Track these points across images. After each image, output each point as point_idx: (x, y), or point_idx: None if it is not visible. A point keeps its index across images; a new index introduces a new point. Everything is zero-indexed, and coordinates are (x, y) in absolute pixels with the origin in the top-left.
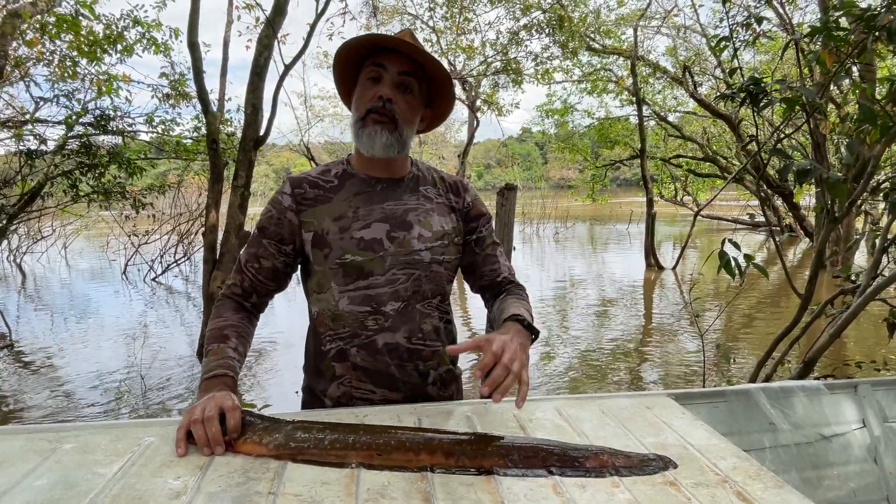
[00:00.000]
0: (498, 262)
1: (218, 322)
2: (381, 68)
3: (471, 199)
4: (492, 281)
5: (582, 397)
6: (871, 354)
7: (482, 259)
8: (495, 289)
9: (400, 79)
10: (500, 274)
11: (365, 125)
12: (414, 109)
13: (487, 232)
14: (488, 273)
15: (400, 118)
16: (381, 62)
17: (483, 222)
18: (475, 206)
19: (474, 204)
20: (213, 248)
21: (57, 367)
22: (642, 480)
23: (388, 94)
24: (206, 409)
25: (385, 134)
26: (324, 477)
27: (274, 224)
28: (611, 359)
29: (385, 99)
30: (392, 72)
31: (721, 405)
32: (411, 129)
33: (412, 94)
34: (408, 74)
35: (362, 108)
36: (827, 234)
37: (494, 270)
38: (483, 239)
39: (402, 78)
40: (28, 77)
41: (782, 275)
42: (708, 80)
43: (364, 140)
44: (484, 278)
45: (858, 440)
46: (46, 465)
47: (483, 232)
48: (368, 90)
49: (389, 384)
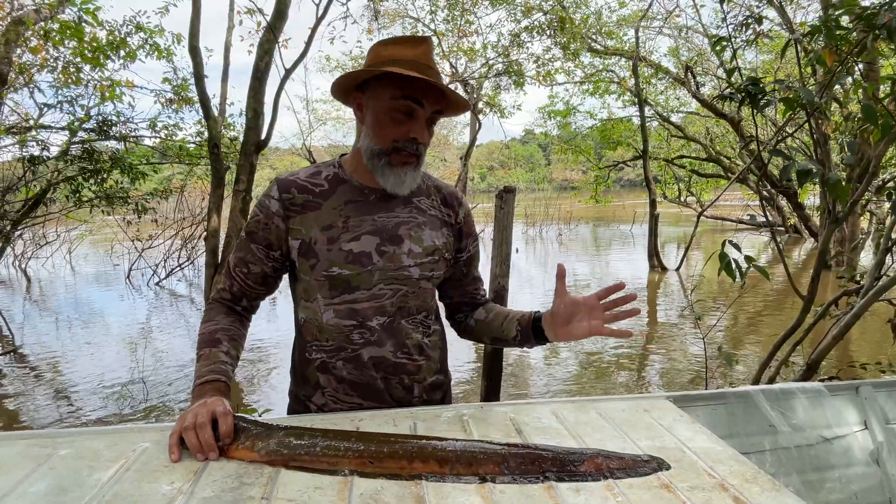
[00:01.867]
0: (480, 282)
1: (209, 326)
2: (419, 106)
3: (464, 214)
4: (473, 298)
5: (579, 400)
6: (876, 355)
7: (469, 278)
8: (473, 306)
9: (431, 116)
10: (479, 291)
11: (391, 164)
12: (431, 138)
13: (475, 251)
14: (471, 291)
15: (423, 153)
16: (417, 97)
17: (472, 240)
18: (467, 223)
19: (467, 220)
20: (214, 253)
21: (61, 372)
22: (637, 484)
23: (425, 140)
24: (198, 416)
25: (412, 173)
26: (317, 482)
27: (261, 229)
28: (614, 361)
29: (420, 141)
30: (428, 111)
31: (720, 407)
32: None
33: (433, 126)
34: (439, 112)
35: (387, 142)
36: (829, 235)
37: (478, 290)
38: (472, 258)
39: (433, 115)
40: (32, 83)
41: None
42: (710, 81)
43: (389, 178)
44: (466, 295)
45: (860, 442)
46: (41, 472)
47: (471, 250)
48: (399, 124)
49: (376, 397)
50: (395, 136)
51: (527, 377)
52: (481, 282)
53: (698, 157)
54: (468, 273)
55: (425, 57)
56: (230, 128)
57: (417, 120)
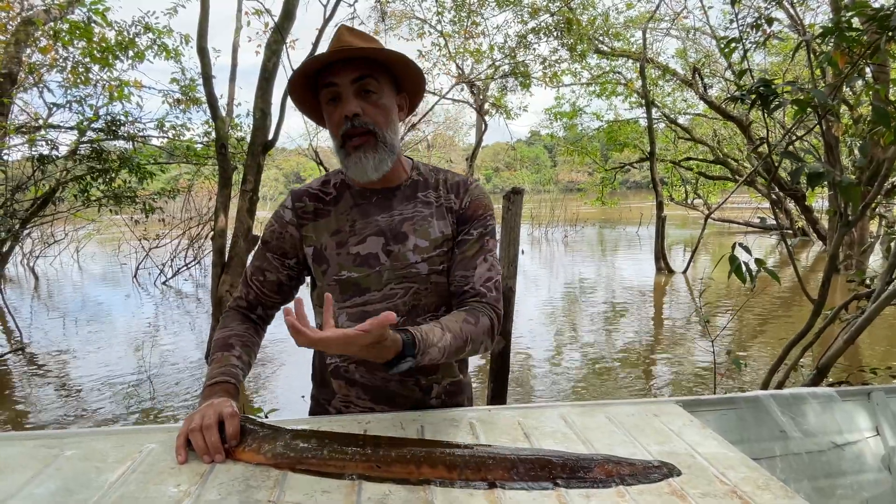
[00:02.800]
0: (474, 269)
1: (223, 332)
2: (333, 86)
3: (470, 199)
4: (458, 288)
5: (588, 404)
6: (884, 358)
7: (457, 262)
8: (461, 298)
9: (356, 86)
10: (468, 282)
11: (348, 153)
12: (386, 109)
13: (477, 234)
14: (458, 278)
15: (377, 126)
16: (330, 80)
17: (475, 224)
18: (472, 207)
19: (472, 204)
20: (221, 253)
21: (68, 371)
22: (648, 490)
23: (353, 110)
24: (204, 417)
25: (371, 155)
26: (324, 486)
27: (276, 238)
28: (621, 364)
29: (351, 116)
30: (345, 83)
31: (731, 412)
32: (393, 129)
33: (376, 93)
34: (361, 78)
35: (337, 134)
36: (840, 239)
37: (465, 277)
38: (465, 241)
39: (359, 84)
40: (42, 83)
41: (794, 278)
42: (718, 83)
43: (353, 170)
44: (453, 284)
45: (872, 449)
46: (47, 473)
47: (471, 234)
48: (333, 114)
49: (389, 400)
50: (336, 124)
51: (532, 379)
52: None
53: (705, 160)
54: (458, 255)
55: (338, 41)
56: (237, 128)
57: (342, 97)
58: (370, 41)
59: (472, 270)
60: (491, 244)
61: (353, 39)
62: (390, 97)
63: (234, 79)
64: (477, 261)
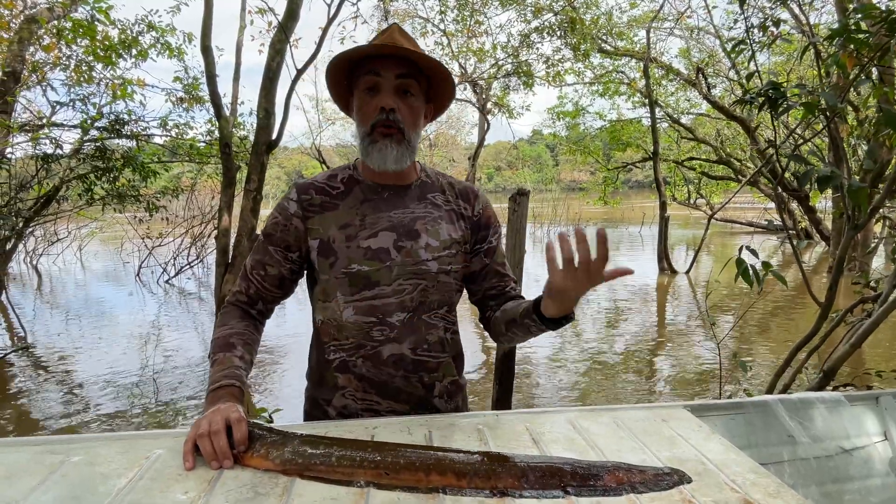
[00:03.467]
0: (508, 275)
1: (223, 330)
2: (377, 76)
3: (482, 206)
4: (499, 292)
5: (596, 409)
6: (889, 361)
7: (493, 271)
8: (499, 299)
9: (398, 83)
10: (508, 285)
11: (374, 140)
12: (417, 112)
13: (498, 242)
14: (497, 286)
15: (406, 126)
16: (374, 68)
17: (493, 231)
18: (485, 215)
19: (485, 212)
20: (225, 252)
21: (71, 370)
22: (659, 498)
23: (391, 104)
24: (212, 423)
25: (394, 147)
26: (333, 493)
27: (280, 231)
28: (624, 365)
29: (388, 110)
30: (389, 77)
31: (738, 417)
32: (417, 134)
33: (413, 96)
34: (405, 76)
35: (367, 123)
36: (848, 242)
37: (504, 283)
38: (494, 249)
39: (401, 82)
40: (45, 81)
41: (799, 279)
42: (722, 82)
43: (375, 156)
44: (493, 289)
45: (880, 453)
46: (53, 479)
47: (493, 242)
48: (368, 102)
49: (394, 395)
50: (370, 113)
51: (535, 379)
52: (509, 277)
53: (708, 160)
54: (489, 265)
55: (388, 39)
56: (240, 127)
57: (382, 90)
58: (416, 47)
59: (507, 277)
60: (502, 246)
61: (402, 40)
62: (422, 102)
63: (237, 78)
64: (505, 268)
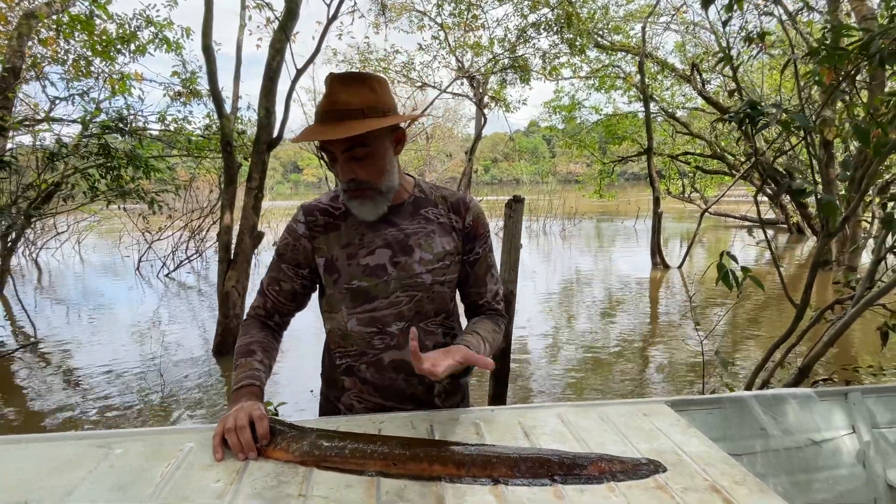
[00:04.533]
0: (485, 286)
1: (245, 339)
2: (330, 152)
3: (472, 218)
4: (473, 302)
5: (583, 404)
6: (877, 359)
7: (473, 279)
8: (474, 311)
9: (348, 155)
10: (483, 297)
11: (350, 197)
12: (379, 163)
13: (483, 253)
14: (473, 294)
15: (371, 181)
16: (326, 148)
17: (480, 242)
18: (475, 226)
19: (475, 223)
20: (227, 249)
21: (76, 363)
22: (636, 485)
23: (349, 176)
24: (237, 419)
25: (367, 202)
26: (347, 481)
27: (290, 250)
28: (615, 359)
29: (347, 181)
30: (339, 152)
31: (716, 411)
32: (390, 173)
33: (370, 152)
34: (353, 146)
35: (340, 183)
36: (821, 248)
37: (480, 293)
38: (477, 260)
39: (351, 153)
40: (43, 76)
41: (789, 271)
42: (717, 77)
43: (355, 209)
44: (468, 297)
45: (848, 445)
46: (101, 469)
47: (479, 253)
48: (335, 169)
49: (397, 397)
50: (339, 178)
51: (528, 372)
52: (485, 287)
53: (703, 154)
54: (471, 273)
55: (329, 100)
56: (239, 121)
57: (339, 163)
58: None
59: (483, 287)
60: (492, 257)
61: (343, 95)
62: (383, 145)
63: (238, 76)
64: (486, 277)
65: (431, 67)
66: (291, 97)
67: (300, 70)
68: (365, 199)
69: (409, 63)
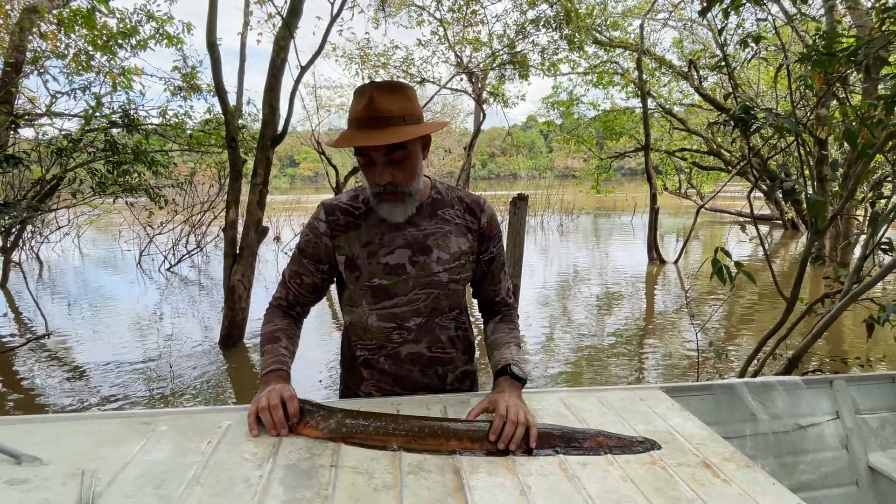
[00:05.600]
0: (500, 283)
1: (269, 327)
2: (368, 157)
3: (486, 219)
4: (489, 299)
5: (583, 389)
6: (868, 349)
7: (487, 277)
8: (490, 307)
9: (387, 159)
10: (498, 294)
11: (381, 200)
12: (413, 167)
13: (497, 252)
14: (490, 291)
15: (404, 185)
16: (363, 150)
17: (494, 242)
18: (489, 227)
19: (489, 224)
20: (233, 243)
21: (86, 356)
22: (633, 460)
23: (387, 179)
24: (270, 399)
25: (399, 205)
26: (372, 454)
27: (311, 247)
28: (612, 351)
29: (384, 184)
30: (379, 157)
31: (708, 397)
32: (420, 176)
33: (407, 156)
34: (394, 150)
35: (371, 187)
36: (810, 245)
37: (495, 291)
38: (492, 259)
39: (390, 157)
40: (44, 70)
41: (784, 267)
42: (714, 74)
43: (385, 212)
44: (484, 294)
45: (832, 430)
46: (150, 444)
47: (493, 252)
48: (368, 174)
49: (413, 387)
50: (371, 181)
51: (531, 363)
52: (500, 285)
53: (699, 150)
54: (487, 272)
55: (368, 108)
56: (241, 116)
57: (376, 166)
58: (399, 96)
59: (498, 285)
60: (503, 256)
61: (384, 103)
62: (416, 149)
63: (242, 74)
64: (500, 275)
65: (430, 63)
66: (295, 94)
67: (304, 67)
68: (397, 203)
69: (408, 58)
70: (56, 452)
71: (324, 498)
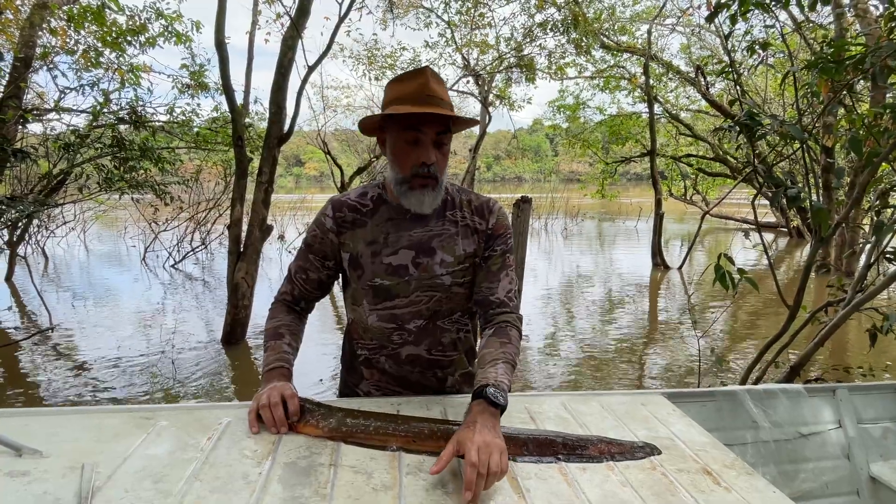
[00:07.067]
0: (498, 282)
1: (273, 322)
2: (418, 132)
3: (494, 220)
4: (484, 298)
5: (584, 394)
6: (874, 359)
7: (484, 274)
8: (486, 308)
9: (437, 139)
10: (494, 293)
11: (412, 187)
12: (447, 156)
13: (500, 251)
14: (484, 289)
15: (439, 172)
16: (415, 125)
17: (499, 241)
18: (497, 227)
19: (497, 225)
20: (237, 241)
21: (89, 351)
22: (633, 465)
23: (433, 159)
24: (270, 397)
25: (430, 194)
26: (372, 454)
27: (318, 242)
28: (614, 356)
29: (429, 164)
30: (429, 134)
31: (710, 404)
32: (445, 173)
33: (448, 143)
34: (444, 132)
35: (406, 170)
36: (813, 254)
37: (491, 289)
38: (492, 256)
39: (439, 138)
40: (53, 66)
41: (788, 275)
42: (721, 80)
43: (412, 201)
44: (479, 293)
45: (834, 439)
46: (151, 438)
47: (496, 250)
48: (409, 153)
49: (412, 388)
50: (410, 163)
51: (529, 366)
52: (497, 283)
53: (705, 157)
54: (484, 268)
55: (424, 87)
56: (247, 115)
57: (423, 145)
58: (444, 87)
59: (496, 283)
60: (511, 260)
61: (437, 88)
62: (450, 143)
63: (250, 73)
64: (500, 275)
65: (437, 65)
66: (302, 93)
67: (311, 67)
68: (428, 189)
69: (415, 60)
70: (57, 445)
71: (322, 496)
